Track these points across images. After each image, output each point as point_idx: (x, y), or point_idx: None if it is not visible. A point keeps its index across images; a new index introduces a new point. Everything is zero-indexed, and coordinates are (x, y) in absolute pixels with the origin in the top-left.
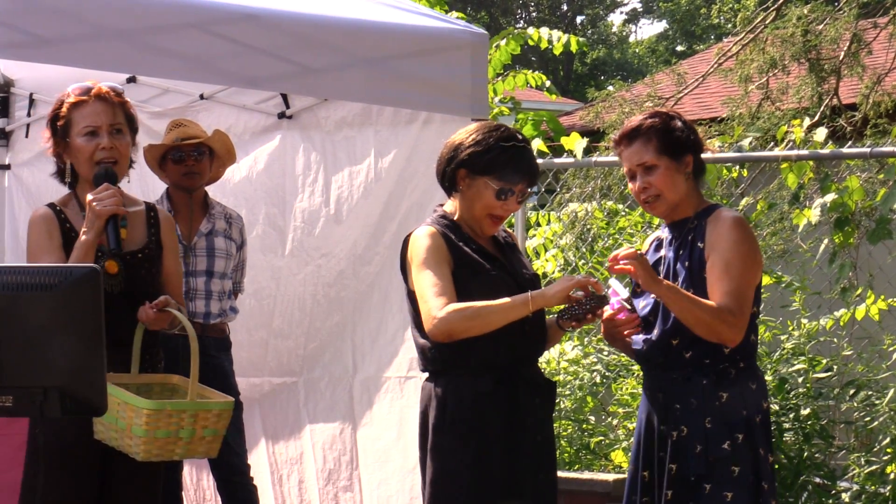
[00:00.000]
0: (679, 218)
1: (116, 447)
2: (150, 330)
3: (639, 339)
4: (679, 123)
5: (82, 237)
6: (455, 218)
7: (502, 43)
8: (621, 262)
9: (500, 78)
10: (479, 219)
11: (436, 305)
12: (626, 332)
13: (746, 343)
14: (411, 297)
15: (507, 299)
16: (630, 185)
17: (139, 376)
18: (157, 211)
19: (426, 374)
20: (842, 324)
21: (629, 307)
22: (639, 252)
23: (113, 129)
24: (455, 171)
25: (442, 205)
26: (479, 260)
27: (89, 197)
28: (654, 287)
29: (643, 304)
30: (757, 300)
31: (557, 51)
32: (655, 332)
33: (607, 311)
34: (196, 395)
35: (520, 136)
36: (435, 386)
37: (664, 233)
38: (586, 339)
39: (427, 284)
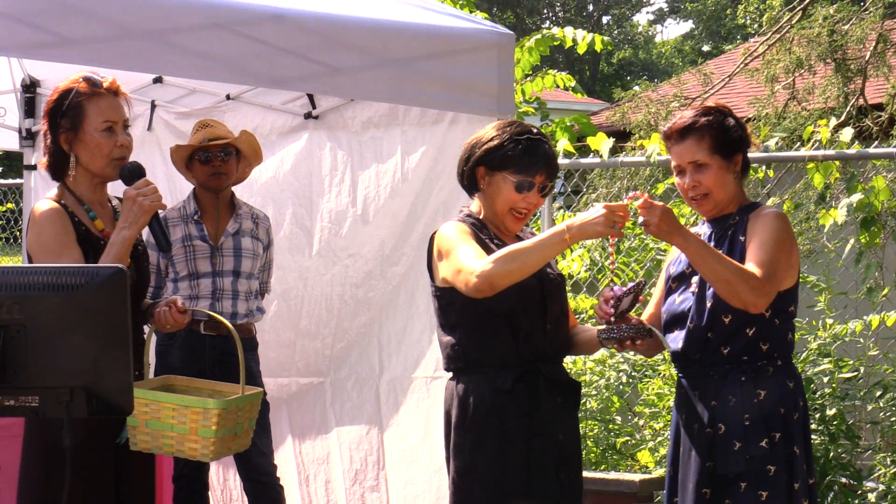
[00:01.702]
0: (721, 214)
1: (171, 453)
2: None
3: (676, 336)
4: (732, 121)
5: (123, 232)
6: (480, 217)
7: (530, 43)
8: (640, 212)
9: (528, 79)
10: (503, 215)
11: (473, 263)
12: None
13: (784, 342)
14: (438, 295)
15: (542, 235)
16: (677, 181)
17: (149, 381)
18: None
19: (450, 374)
20: (872, 328)
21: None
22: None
23: (125, 126)
24: (473, 169)
25: (467, 206)
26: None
27: (132, 192)
28: (673, 237)
29: (680, 300)
30: (793, 300)
31: (581, 50)
32: (691, 326)
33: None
34: (244, 389)
35: (534, 130)
36: (457, 384)
37: (703, 228)
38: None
39: (461, 254)
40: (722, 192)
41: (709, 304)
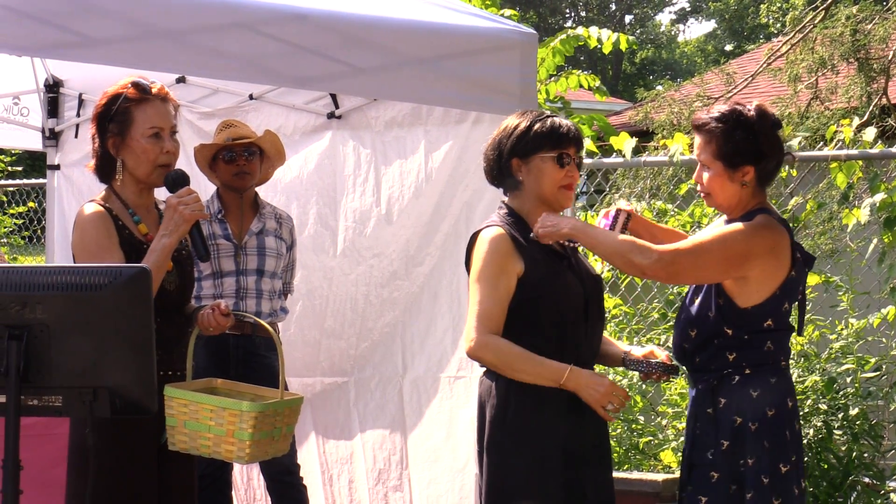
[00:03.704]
0: (730, 218)
1: (207, 455)
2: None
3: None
4: (741, 134)
5: (163, 240)
6: (521, 213)
7: (555, 43)
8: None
9: (552, 79)
10: (552, 195)
11: (475, 328)
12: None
13: (758, 352)
14: None
15: (542, 363)
16: None
17: (190, 383)
18: None
19: (483, 369)
20: (889, 319)
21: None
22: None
23: (172, 132)
24: (508, 164)
25: (504, 200)
26: (546, 260)
27: (173, 200)
28: (560, 233)
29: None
30: (770, 315)
31: (607, 49)
32: (675, 336)
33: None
34: (283, 394)
35: (546, 111)
36: (497, 383)
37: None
38: (636, 339)
39: (475, 301)
40: (721, 198)
41: (683, 316)
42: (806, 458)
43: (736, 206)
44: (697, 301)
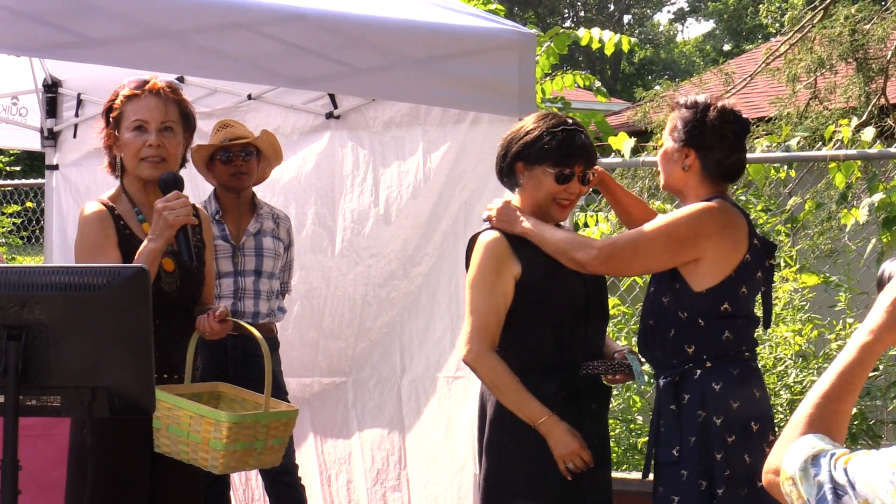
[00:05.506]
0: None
1: (187, 461)
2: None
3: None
4: (690, 114)
5: (149, 244)
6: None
7: (549, 44)
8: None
9: (548, 78)
10: (546, 206)
11: (473, 339)
12: None
13: (716, 342)
14: None
15: (526, 399)
16: None
17: (190, 386)
18: (198, 209)
19: None
20: None
21: None
22: (504, 202)
23: (163, 127)
24: (512, 165)
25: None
26: (545, 261)
27: (159, 204)
28: (514, 227)
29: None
30: (726, 298)
31: (609, 51)
32: (639, 331)
33: None
34: (268, 406)
35: (569, 121)
36: None
37: None
38: (634, 338)
39: (472, 309)
40: (666, 176)
41: (644, 306)
42: None
43: (684, 192)
44: (653, 289)
